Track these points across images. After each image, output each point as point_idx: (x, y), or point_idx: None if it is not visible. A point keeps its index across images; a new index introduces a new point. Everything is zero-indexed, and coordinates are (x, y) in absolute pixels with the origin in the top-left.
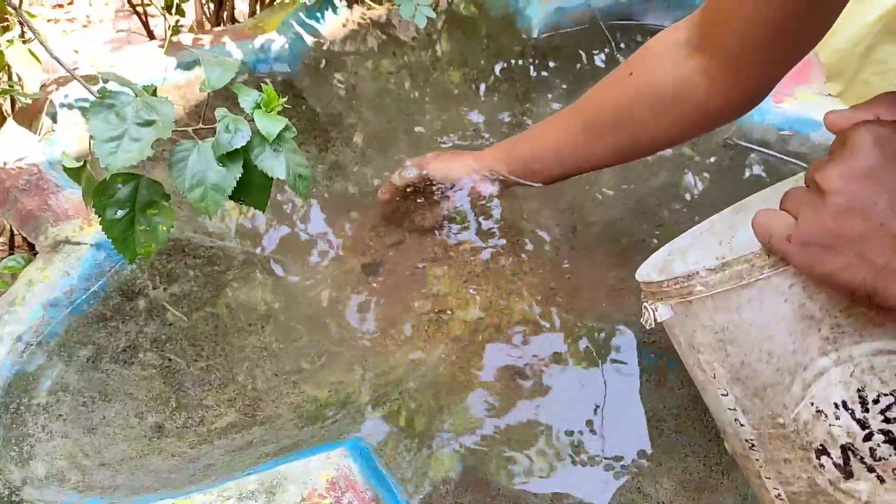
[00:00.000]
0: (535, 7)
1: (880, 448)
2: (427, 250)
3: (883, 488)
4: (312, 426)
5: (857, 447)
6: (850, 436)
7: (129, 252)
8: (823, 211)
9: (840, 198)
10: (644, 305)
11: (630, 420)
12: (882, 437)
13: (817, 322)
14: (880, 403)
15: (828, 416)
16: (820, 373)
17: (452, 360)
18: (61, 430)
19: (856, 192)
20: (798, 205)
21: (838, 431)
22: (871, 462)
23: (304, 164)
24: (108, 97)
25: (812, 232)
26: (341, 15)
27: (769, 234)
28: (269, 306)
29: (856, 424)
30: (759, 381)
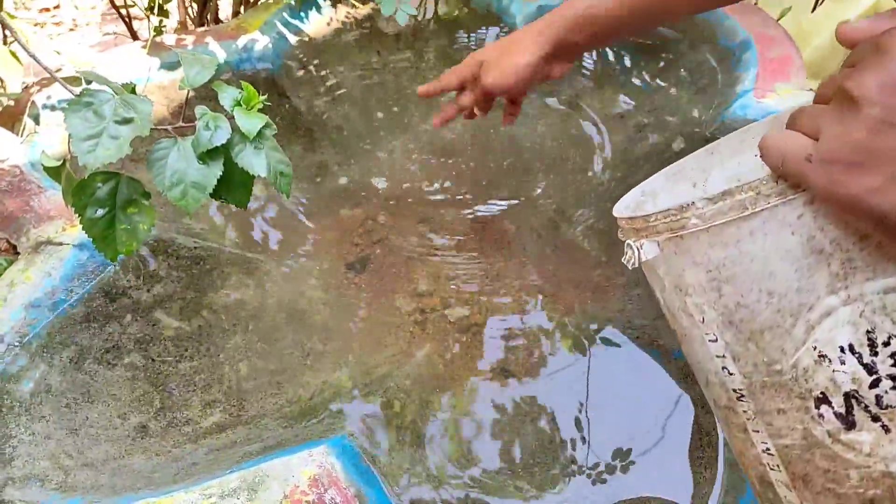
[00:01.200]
0: (518, 4)
1: (888, 395)
2: (412, 249)
3: (888, 439)
4: (297, 425)
5: (862, 394)
6: (856, 382)
7: (110, 251)
8: (855, 123)
9: (877, 109)
10: (627, 244)
11: (615, 414)
12: (891, 382)
13: (827, 256)
14: (891, 346)
15: (832, 360)
16: (826, 313)
17: (438, 358)
18: (44, 431)
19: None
20: (819, 121)
21: (842, 378)
22: (876, 410)
23: (286, 161)
24: (87, 95)
25: (839, 148)
26: (325, 14)
27: (782, 156)
28: (253, 306)
29: (863, 369)
30: (755, 323)
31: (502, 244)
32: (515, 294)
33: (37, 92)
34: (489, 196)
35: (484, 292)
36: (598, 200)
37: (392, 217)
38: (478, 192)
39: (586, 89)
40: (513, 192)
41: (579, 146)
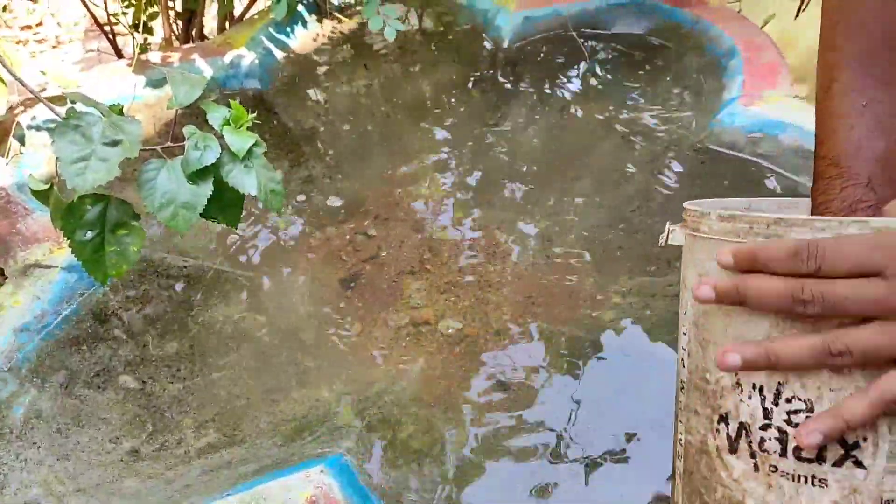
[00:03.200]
0: (504, 17)
1: (770, 442)
2: (403, 263)
3: (753, 476)
4: (292, 444)
5: (751, 430)
6: (752, 417)
7: (100, 274)
8: None
9: None
10: (667, 224)
11: (608, 426)
12: (776, 433)
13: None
14: (791, 404)
15: (744, 391)
16: None
17: (432, 373)
18: (36, 457)
19: None
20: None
21: (744, 409)
22: (756, 448)
23: (277, 179)
24: (74, 117)
25: None
26: (311, 29)
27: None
28: (245, 324)
29: (761, 410)
30: (708, 334)
31: (495, 256)
32: (508, 306)
33: (21, 112)
34: (480, 208)
35: (476, 305)
36: (589, 211)
37: (383, 230)
38: (469, 204)
39: (576, 98)
40: (504, 204)
41: (570, 156)
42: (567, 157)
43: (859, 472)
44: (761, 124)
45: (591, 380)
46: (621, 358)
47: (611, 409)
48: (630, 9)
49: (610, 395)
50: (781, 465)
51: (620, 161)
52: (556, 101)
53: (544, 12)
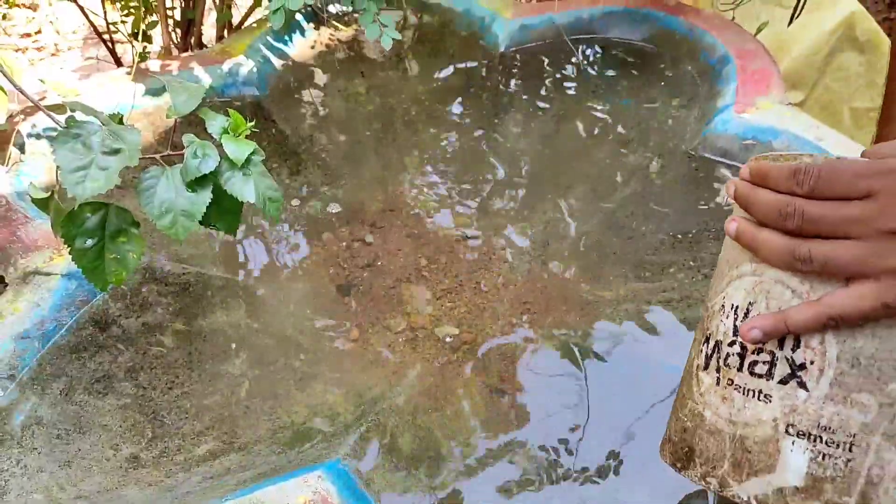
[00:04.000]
0: (500, 24)
1: (732, 357)
2: (400, 269)
3: (713, 390)
4: (291, 450)
5: (721, 347)
6: (724, 336)
7: (100, 281)
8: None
9: None
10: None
11: (605, 430)
12: (739, 349)
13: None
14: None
15: (725, 312)
16: (740, 276)
17: (429, 378)
18: (36, 463)
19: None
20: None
21: (721, 328)
22: (720, 363)
23: (274, 187)
24: (74, 126)
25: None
26: (309, 37)
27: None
28: (243, 331)
29: (732, 328)
30: (717, 273)
31: (491, 262)
32: (505, 311)
33: (21, 121)
34: (477, 214)
35: (474, 310)
36: (584, 216)
37: (380, 237)
38: (465, 211)
39: (571, 105)
40: (500, 210)
41: (565, 162)
42: (562, 163)
43: (802, 392)
44: (754, 131)
45: (587, 385)
46: (616, 363)
47: (607, 414)
48: (624, 16)
49: (606, 400)
50: (736, 379)
51: (615, 167)
52: (551, 107)
53: (540, 20)
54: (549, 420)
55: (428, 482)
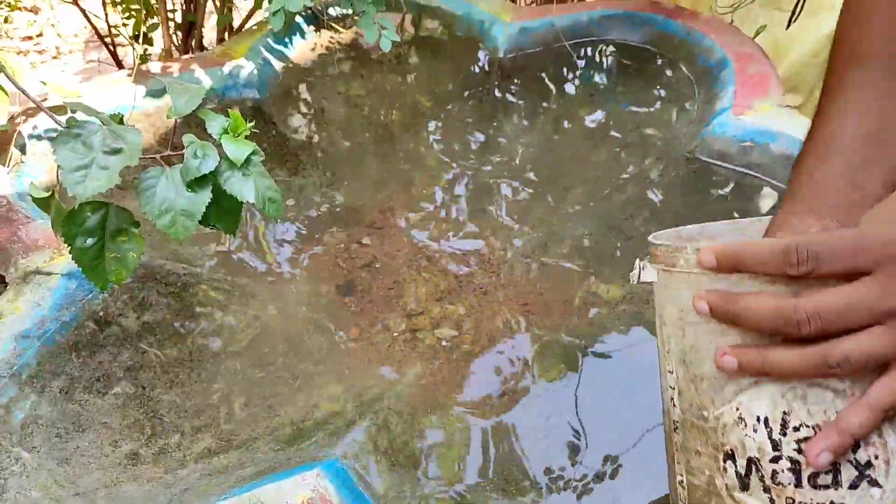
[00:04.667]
0: (499, 27)
1: (783, 474)
2: (400, 270)
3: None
4: (289, 449)
5: (762, 464)
6: (760, 451)
7: (100, 280)
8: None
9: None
10: (636, 261)
11: (603, 433)
12: (788, 463)
13: (771, 337)
14: (800, 432)
15: (747, 425)
16: (755, 382)
17: (428, 379)
18: (35, 461)
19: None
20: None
21: (751, 443)
22: (769, 483)
23: (274, 187)
24: (75, 126)
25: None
26: (309, 39)
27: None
28: (242, 331)
29: (769, 443)
30: (700, 369)
31: (490, 264)
32: (504, 313)
33: (23, 122)
34: (475, 216)
35: (473, 312)
36: (583, 219)
37: (379, 238)
38: (464, 212)
39: (570, 108)
40: (499, 212)
41: (564, 165)
42: (561, 165)
43: (876, 490)
44: (752, 134)
45: (586, 386)
46: (615, 365)
47: (605, 416)
48: (623, 20)
49: (604, 402)
50: (798, 496)
51: (613, 170)
52: (550, 110)
53: (539, 23)
54: (549, 421)
55: (426, 482)
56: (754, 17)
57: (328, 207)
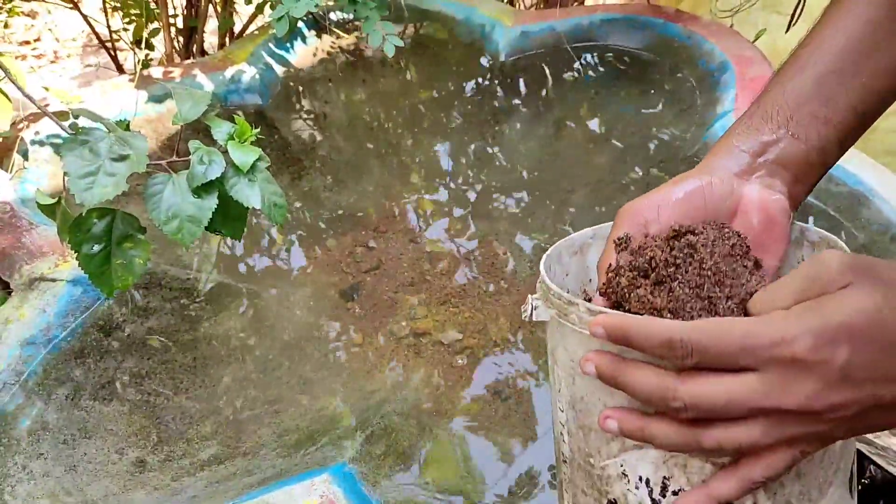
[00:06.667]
0: (501, 31)
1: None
2: (403, 274)
3: None
4: (296, 454)
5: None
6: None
7: (107, 287)
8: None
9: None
10: (529, 297)
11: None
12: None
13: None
14: (678, 497)
15: (630, 481)
16: (640, 446)
17: (432, 383)
18: (42, 468)
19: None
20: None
21: (633, 498)
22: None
23: (279, 192)
24: (82, 133)
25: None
26: (311, 45)
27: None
28: (247, 336)
29: (649, 500)
30: (588, 420)
31: (493, 268)
32: (506, 317)
33: (25, 128)
34: (478, 219)
35: (476, 316)
36: (585, 222)
37: (383, 242)
38: (467, 216)
39: (571, 111)
40: (502, 216)
41: (565, 168)
42: (563, 168)
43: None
44: None
45: None
46: None
47: None
48: (624, 24)
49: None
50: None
51: (615, 173)
52: (551, 114)
53: (540, 27)
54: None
55: (432, 484)
56: (754, 20)
57: (332, 212)
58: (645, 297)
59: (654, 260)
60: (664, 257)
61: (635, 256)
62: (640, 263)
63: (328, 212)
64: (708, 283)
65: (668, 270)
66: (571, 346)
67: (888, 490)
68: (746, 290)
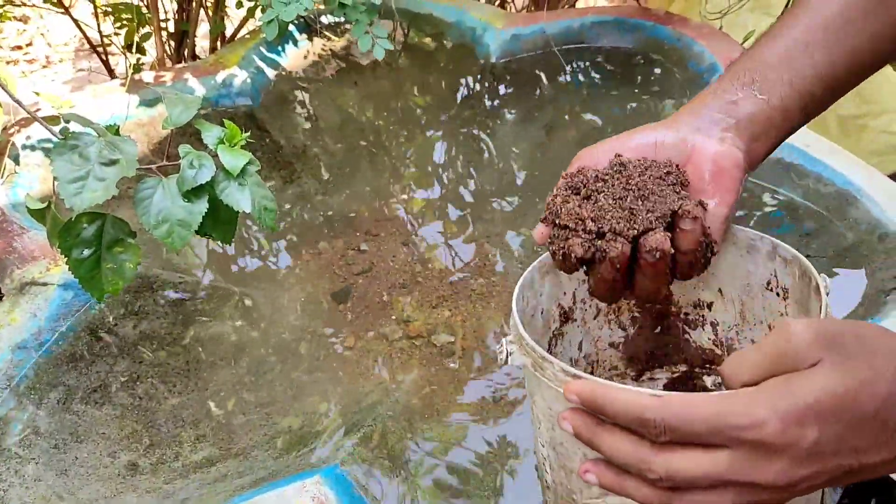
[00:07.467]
0: (492, 34)
1: None
2: (395, 277)
3: None
4: (288, 456)
5: None
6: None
7: (97, 291)
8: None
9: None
10: (503, 340)
11: None
12: None
13: None
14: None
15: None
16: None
17: (425, 385)
18: (34, 473)
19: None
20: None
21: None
22: None
23: (270, 196)
24: (72, 138)
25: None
26: (302, 48)
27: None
28: (239, 339)
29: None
30: (569, 463)
31: (485, 269)
32: (500, 318)
33: (16, 132)
34: (470, 221)
35: (469, 318)
36: None
37: (375, 245)
38: (459, 218)
39: (562, 115)
40: (494, 217)
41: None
42: (554, 170)
43: None
44: None
45: None
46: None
47: None
48: (613, 26)
49: None
50: None
51: None
52: (542, 116)
53: (531, 30)
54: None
55: (424, 488)
56: (743, 22)
57: (323, 215)
58: (573, 210)
59: (586, 177)
60: (594, 174)
61: (572, 179)
62: (575, 182)
63: (320, 214)
64: (631, 195)
65: (596, 185)
66: (548, 398)
67: (881, 488)
68: (669, 207)
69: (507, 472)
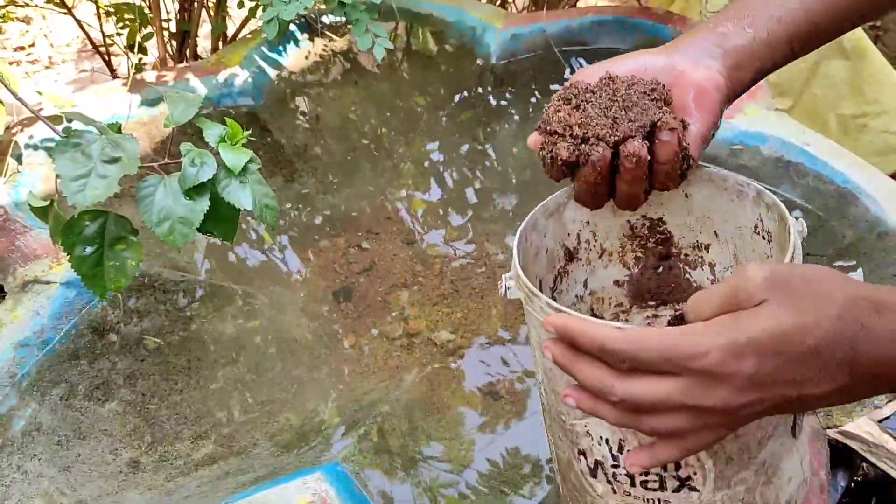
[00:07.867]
0: (492, 34)
1: (621, 476)
2: (396, 275)
3: (612, 496)
4: (289, 453)
5: (605, 467)
6: (604, 458)
7: (100, 288)
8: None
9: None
10: (503, 276)
11: None
12: (624, 472)
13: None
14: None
15: (594, 438)
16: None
17: (425, 382)
18: (36, 469)
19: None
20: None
21: (597, 451)
22: (611, 479)
23: (271, 194)
24: (74, 136)
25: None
26: (303, 48)
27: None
28: (240, 337)
29: (610, 456)
30: (558, 386)
31: (485, 267)
32: (499, 316)
33: (19, 132)
34: (471, 220)
35: (469, 315)
36: None
37: (375, 243)
38: (459, 217)
39: None
40: (494, 216)
41: None
42: None
43: (694, 494)
44: (742, 136)
45: None
46: None
47: None
48: (613, 26)
49: None
50: (633, 492)
51: None
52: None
53: (531, 30)
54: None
55: (425, 484)
56: None
57: (324, 214)
58: (562, 117)
59: (578, 89)
60: (585, 86)
61: (565, 91)
62: (567, 94)
63: (321, 213)
64: (616, 106)
65: (585, 96)
66: (537, 328)
67: (881, 487)
68: (650, 119)
69: (508, 466)
